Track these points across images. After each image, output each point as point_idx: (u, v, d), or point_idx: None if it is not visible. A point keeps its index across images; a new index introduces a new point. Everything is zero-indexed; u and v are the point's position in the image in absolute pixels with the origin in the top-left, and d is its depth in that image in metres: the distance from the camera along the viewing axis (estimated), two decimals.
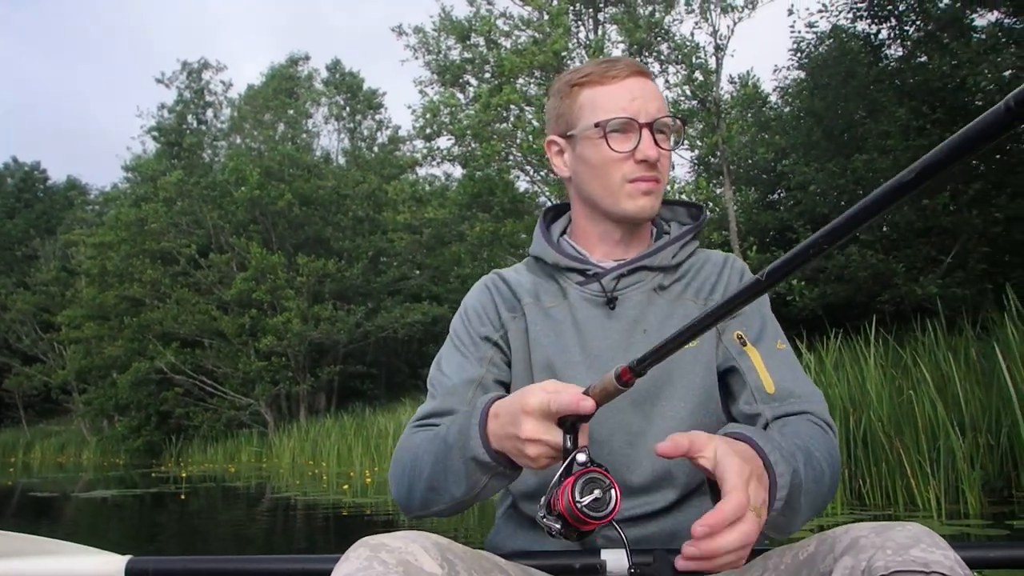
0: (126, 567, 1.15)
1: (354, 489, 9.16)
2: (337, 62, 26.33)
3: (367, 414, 16.21)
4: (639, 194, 1.13)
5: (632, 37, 11.77)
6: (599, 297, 1.16)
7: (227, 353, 20.39)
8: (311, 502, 7.88)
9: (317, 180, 21.97)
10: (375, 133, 27.01)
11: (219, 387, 20.50)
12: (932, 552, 0.72)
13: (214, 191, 21.69)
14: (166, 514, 7.58)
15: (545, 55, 11.99)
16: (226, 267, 20.69)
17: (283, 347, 19.18)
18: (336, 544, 5.11)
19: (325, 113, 26.27)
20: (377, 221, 21.21)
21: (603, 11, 13.92)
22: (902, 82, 9.10)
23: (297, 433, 17.00)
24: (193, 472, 15.11)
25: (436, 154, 15.13)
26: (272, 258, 19.57)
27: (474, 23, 14.93)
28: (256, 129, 24.54)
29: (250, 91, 25.68)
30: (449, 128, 14.03)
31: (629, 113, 1.11)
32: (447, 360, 1.20)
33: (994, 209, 8.06)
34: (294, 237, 21.72)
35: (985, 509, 4.68)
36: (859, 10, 10.18)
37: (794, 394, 1.06)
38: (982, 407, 5.18)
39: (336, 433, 15.08)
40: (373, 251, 21.59)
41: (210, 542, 5.46)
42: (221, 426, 20.21)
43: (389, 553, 0.79)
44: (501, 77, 12.90)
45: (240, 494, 9.84)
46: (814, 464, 0.93)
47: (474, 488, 0.98)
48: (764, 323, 1.13)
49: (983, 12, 9.42)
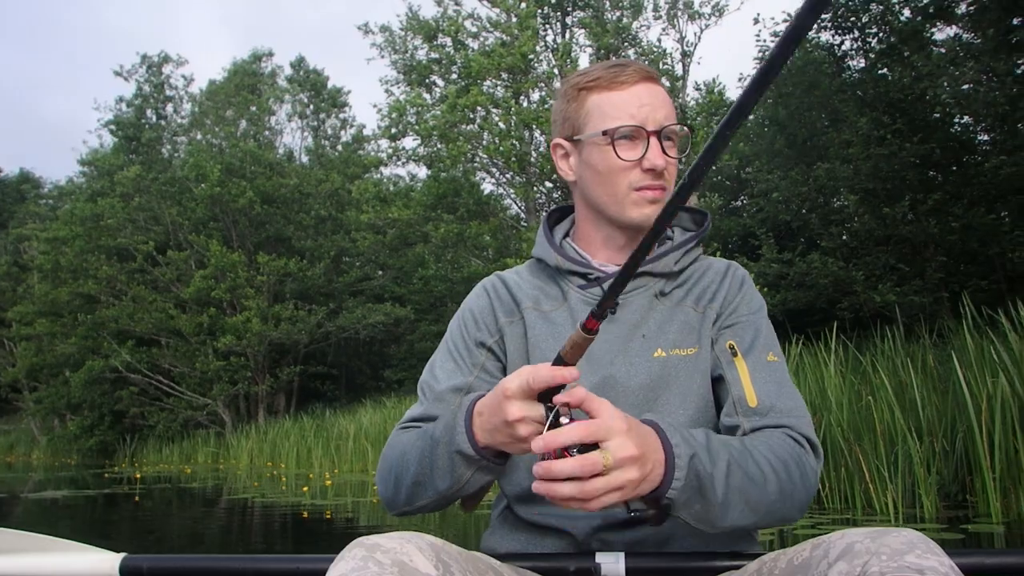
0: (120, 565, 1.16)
1: (313, 491, 9.03)
2: (301, 59, 26.08)
3: (327, 415, 16.05)
4: (645, 202, 1.12)
5: (600, 42, 11.82)
6: None
7: (184, 352, 20.05)
8: (269, 504, 7.74)
9: (279, 178, 21.70)
10: (339, 132, 26.81)
11: (176, 386, 20.16)
12: (927, 558, 0.72)
13: (173, 187, 21.33)
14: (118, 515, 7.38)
15: (513, 57, 11.99)
16: (184, 265, 20.34)
17: (242, 347, 18.93)
18: (294, 547, 5.01)
19: (288, 110, 26.02)
20: (340, 220, 21.03)
21: (571, 15, 13.97)
22: (864, 93, 9.27)
23: (255, 434, 16.77)
24: (148, 473, 14.77)
25: (401, 154, 15.05)
26: (232, 256, 19.31)
27: (441, 23, 14.88)
28: (217, 125, 24.19)
29: (212, 86, 25.29)
30: (415, 128, 13.95)
31: (637, 121, 1.10)
32: (440, 365, 1.20)
33: (951, 219, 8.26)
34: (255, 235, 21.45)
35: (940, 513, 4.76)
36: (823, 21, 10.36)
37: (775, 408, 1.05)
38: (938, 413, 5.28)
39: (295, 434, 14.89)
40: (335, 251, 21.38)
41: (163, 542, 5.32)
42: (177, 426, 19.87)
43: (384, 554, 0.80)
44: (468, 78, 12.86)
45: (196, 495, 9.64)
46: (749, 465, 0.93)
47: (458, 482, 1.00)
48: (757, 334, 1.12)
49: (942, 27, 9.66)
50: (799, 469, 0.99)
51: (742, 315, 1.13)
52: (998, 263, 8.56)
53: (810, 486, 1.00)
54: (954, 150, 8.92)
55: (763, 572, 0.90)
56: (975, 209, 8.24)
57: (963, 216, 8.12)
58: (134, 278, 20.52)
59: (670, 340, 1.11)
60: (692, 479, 0.87)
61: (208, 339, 19.51)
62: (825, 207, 10.16)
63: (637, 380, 1.09)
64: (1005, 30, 8.48)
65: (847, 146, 9.12)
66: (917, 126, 8.58)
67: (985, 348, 5.21)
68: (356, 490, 8.92)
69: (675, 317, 1.14)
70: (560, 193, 13.78)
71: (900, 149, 8.34)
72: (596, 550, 1.05)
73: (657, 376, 1.09)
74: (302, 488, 9.48)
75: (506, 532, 1.17)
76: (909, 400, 5.40)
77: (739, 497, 0.91)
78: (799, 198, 10.05)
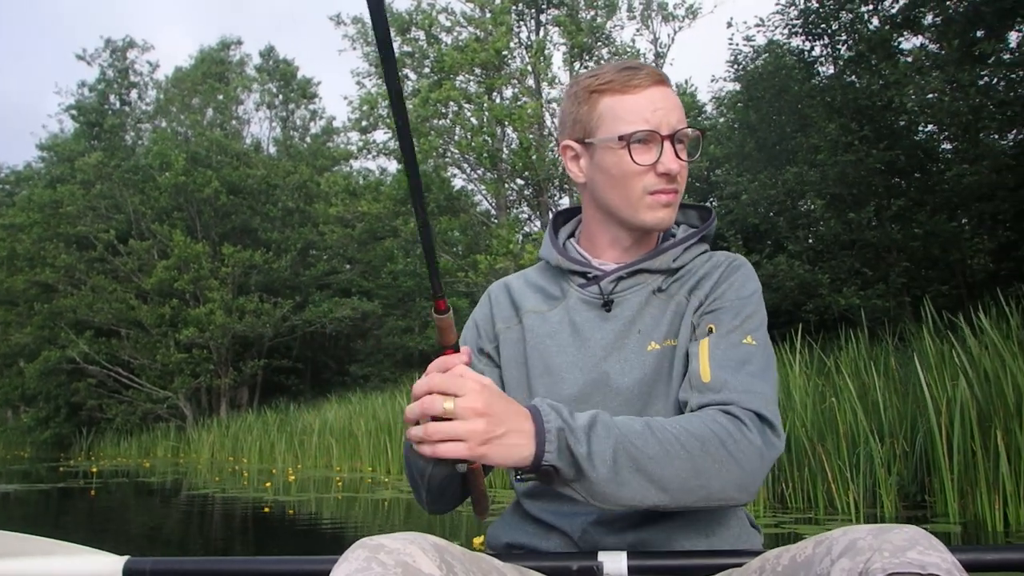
0: (124, 567, 1.16)
1: (276, 487, 8.92)
2: (271, 48, 25.80)
3: (291, 410, 15.92)
4: (659, 206, 1.13)
5: (574, 40, 11.83)
6: (597, 299, 1.17)
7: (145, 344, 19.77)
8: (230, 499, 7.63)
9: (246, 168, 21.47)
10: (308, 123, 26.58)
11: (135, 379, 19.86)
12: (929, 555, 0.72)
13: (136, 175, 21.05)
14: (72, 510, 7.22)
15: (487, 53, 11.95)
16: (146, 254, 20.02)
17: (205, 339, 18.72)
18: (256, 543, 4.94)
19: (256, 100, 25.74)
20: (308, 213, 20.84)
21: (545, 12, 13.97)
22: (832, 99, 9.40)
23: (217, 428, 16.57)
24: (105, 466, 14.48)
25: (372, 147, 14.92)
26: (196, 247, 19.08)
27: (415, 17, 14.78)
28: (183, 113, 23.84)
29: (178, 73, 24.88)
30: (387, 122, 13.84)
31: (651, 125, 1.10)
32: None
33: (914, 225, 8.41)
34: (220, 226, 21.21)
35: (900, 513, 4.84)
36: (795, 27, 10.49)
37: (728, 385, 1.02)
38: (899, 415, 5.37)
39: (258, 429, 14.73)
40: (303, 243, 21.18)
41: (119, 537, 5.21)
42: (136, 419, 19.64)
43: (387, 554, 0.81)
44: (441, 73, 12.79)
45: (155, 490, 9.47)
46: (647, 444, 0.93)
47: (423, 475, 1.06)
48: (737, 317, 1.10)
49: (909, 36, 9.84)
50: (723, 446, 0.95)
51: (728, 299, 1.11)
52: (958, 269, 8.75)
53: (745, 462, 0.96)
54: (918, 158, 9.10)
55: (766, 569, 0.90)
56: (937, 216, 8.41)
57: (926, 223, 8.28)
58: (94, 267, 20.16)
59: (662, 333, 1.12)
60: (565, 454, 0.90)
61: (170, 331, 19.29)
62: (793, 211, 10.30)
63: (632, 376, 1.10)
64: (969, 42, 8.67)
65: (815, 151, 9.24)
66: (883, 133, 8.73)
67: (945, 352, 5.31)
68: (320, 486, 8.83)
69: (668, 310, 1.14)
70: (531, 190, 13.78)
71: (867, 155, 8.48)
72: (599, 549, 1.06)
73: (652, 370, 1.10)
74: (264, 484, 9.37)
75: (512, 524, 1.19)
76: (871, 402, 5.48)
77: (635, 476, 0.92)
78: (767, 201, 10.16)
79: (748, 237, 10.79)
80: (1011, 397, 4.43)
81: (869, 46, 9.49)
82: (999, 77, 7.96)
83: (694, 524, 1.08)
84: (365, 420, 11.17)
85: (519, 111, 11.82)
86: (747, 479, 0.97)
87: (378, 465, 10.35)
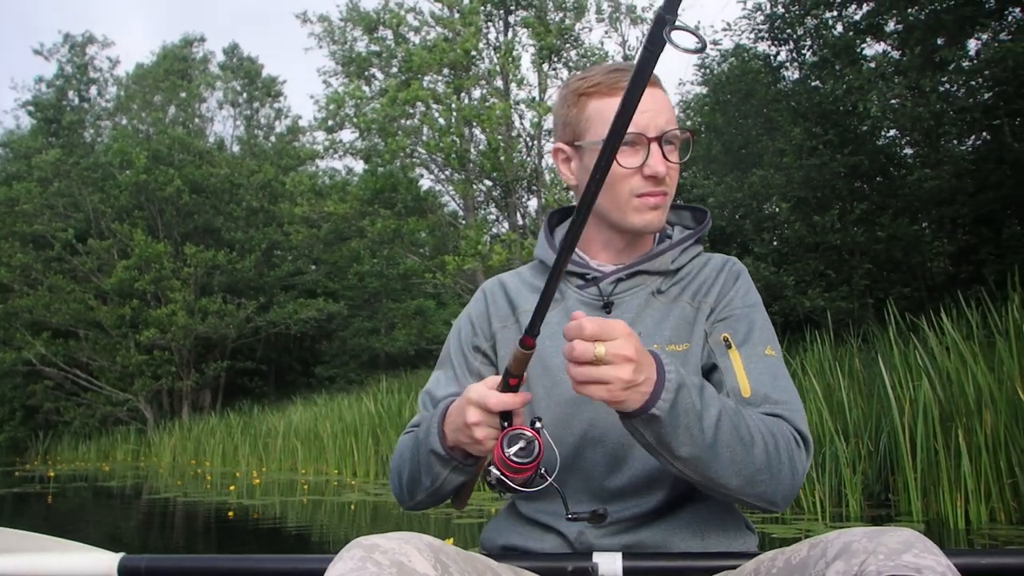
0: (119, 565, 1.17)
1: (240, 490, 8.77)
2: (235, 46, 25.44)
3: (255, 412, 15.73)
4: (647, 209, 1.13)
5: (543, 41, 11.84)
6: (596, 301, 1.17)
7: (104, 345, 19.41)
8: (193, 503, 7.49)
9: (209, 167, 21.18)
10: (273, 122, 26.29)
11: (94, 381, 19.50)
12: (924, 557, 0.73)
13: (96, 173, 20.67)
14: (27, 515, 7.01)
15: (456, 53, 11.90)
16: (106, 254, 19.64)
17: (166, 340, 18.44)
18: (219, 548, 4.84)
19: (220, 98, 25.37)
20: (272, 213, 20.58)
21: (514, 14, 13.97)
22: (797, 103, 9.52)
23: (179, 431, 16.30)
24: (62, 471, 14.13)
25: (338, 147, 14.78)
26: (157, 246, 18.81)
27: (383, 16, 14.68)
28: (144, 110, 23.42)
29: (139, 70, 24.44)
30: (354, 121, 13.72)
31: (638, 128, 1.09)
32: (437, 376, 1.26)
33: (877, 228, 8.55)
34: (182, 226, 20.92)
35: (864, 512, 4.91)
36: (760, 32, 10.62)
37: (769, 399, 1.06)
38: (864, 415, 5.44)
39: (221, 431, 14.50)
40: (267, 244, 20.93)
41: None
42: (95, 422, 19.30)
43: (383, 554, 0.81)
44: (409, 72, 12.71)
45: (114, 494, 9.27)
46: (740, 424, 0.96)
47: (436, 479, 1.07)
48: (751, 327, 1.13)
49: (872, 43, 10.01)
50: (788, 453, 1.00)
51: (736, 308, 1.14)
52: (920, 272, 8.91)
53: (797, 475, 1.01)
54: (881, 163, 9.25)
55: (760, 572, 0.90)
56: (899, 220, 8.56)
57: (888, 226, 8.42)
58: (51, 267, 19.72)
59: (665, 336, 1.13)
60: (679, 408, 0.91)
61: (130, 332, 18.99)
62: (758, 213, 10.41)
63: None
64: (930, 49, 8.85)
65: (781, 155, 9.35)
66: (847, 138, 8.87)
67: (909, 353, 5.40)
68: (284, 489, 8.70)
69: (671, 314, 1.15)
70: (500, 191, 13.76)
71: (831, 160, 8.61)
72: (593, 550, 1.06)
73: None
74: (228, 487, 9.21)
75: (507, 525, 1.19)
76: (836, 402, 5.55)
77: (726, 451, 0.94)
78: (733, 204, 10.26)
79: (714, 239, 10.89)
80: (971, 396, 4.52)
81: (833, 52, 9.64)
82: (959, 84, 8.13)
83: (689, 526, 1.08)
84: (331, 422, 11.05)
85: (488, 112, 11.80)
86: (793, 490, 1.02)
87: (344, 468, 10.24)
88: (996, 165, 8.24)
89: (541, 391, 1.14)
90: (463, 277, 12.69)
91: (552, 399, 1.13)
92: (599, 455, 1.11)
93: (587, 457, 1.11)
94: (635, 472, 1.10)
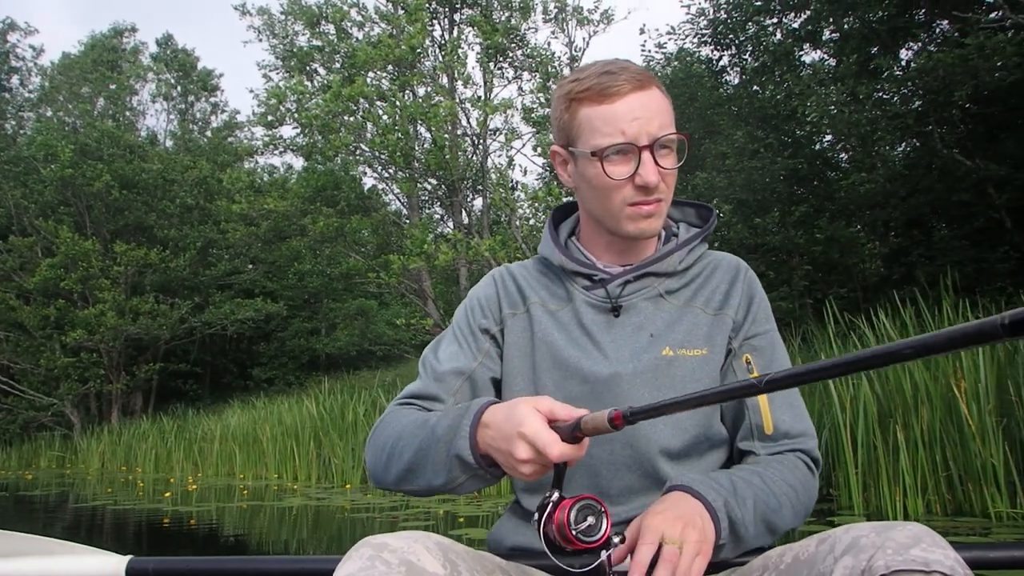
0: (127, 567, 1.18)
1: (175, 496, 8.47)
2: (169, 37, 24.70)
3: (190, 416, 15.31)
4: (640, 217, 1.11)
5: (490, 40, 11.81)
6: (604, 303, 1.16)
7: (27, 347, 18.64)
8: (123, 511, 7.19)
9: (141, 162, 20.52)
10: (209, 116, 25.61)
11: (16, 385, 18.72)
12: (932, 552, 0.73)
13: (18, 167, 19.92)
14: None
15: (402, 50, 11.77)
16: (29, 252, 18.84)
17: (95, 342, 17.81)
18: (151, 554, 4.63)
19: (153, 91, 24.58)
20: (208, 210, 20.02)
21: (459, 12, 13.89)
22: (739, 107, 9.73)
23: (108, 436, 15.72)
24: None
25: (279, 143, 14.44)
26: (85, 244, 18.17)
27: (325, 10, 14.42)
28: (71, 102, 22.56)
29: (65, 60, 23.53)
30: (295, 117, 13.43)
31: (628, 137, 1.06)
32: (444, 346, 1.21)
33: (816, 230, 8.79)
34: (112, 223, 20.26)
35: None
36: (704, 36, 10.81)
37: (789, 435, 1.10)
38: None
39: (154, 436, 14.02)
40: (202, 242, 20.37)
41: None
42: (17, 428, 18.54)
43: (392, 553, 0.81)
44: (353, 68, 12.51)
45: (38, 503, 8.84)
46: (770, 499, 1.01)
47: (452, 483, 1.01)
48: (774, 350, 1.15)
49: (810, 50, 10.29)
50: (806, 490, 1.07)
51: (760, 328, 1.15)
52: (855, 273, 9.20)
53: (812, 502, 1.08)
54: (818, 166, 9.52)
55: (768, 567, 0.91)
56: (836, 222, 8.82)
57: (826, 228, 8.67)
58: None
59: (678, 339, 1.12)
60: (730, 525, 0.94)
61: (55, 333, 18.24)
62: None
63: (643, 378, 1.10)
64: (866, 57, 9.14)
65: (723, 157, 9.53)
66: (787, 142, 9.10)
67: (848, 352, 5.53)
68: (222, 495, 8.44)
69: (684, 317, 1.14)
70: (444, 190, 13.66)
71: (772, 163, 8.82)
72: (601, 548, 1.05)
73: (664, 374, 1.10)
74: (162, 494, 8.88)
75: (514, 525, 1.17)
76: None
77: (763, 527, 0.99)
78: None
79: None
80: (908, 393, 4.65)
81: (773, 58, 9.88)
82: (893, 92, 8.41)
83: None
84: (270, 425, 10.77)
85: (433, 110, 11.69)
86: (808, 513, 1.08)
87: (285, 472, 9.99)
88: (926, 170, 8.55)
89: (551, 384, 1.13)
90: (408, 277, 12.55)
91: (561, 393, 1.11)
92: (606, 453, 1.10)
93: (594, 455, 1.10)
94: (643, 470, 1.10)
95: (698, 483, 0.95)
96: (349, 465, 8.66)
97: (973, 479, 4.22)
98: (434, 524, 5.35)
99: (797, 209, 9.16)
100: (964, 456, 4.30)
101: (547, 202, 10.88)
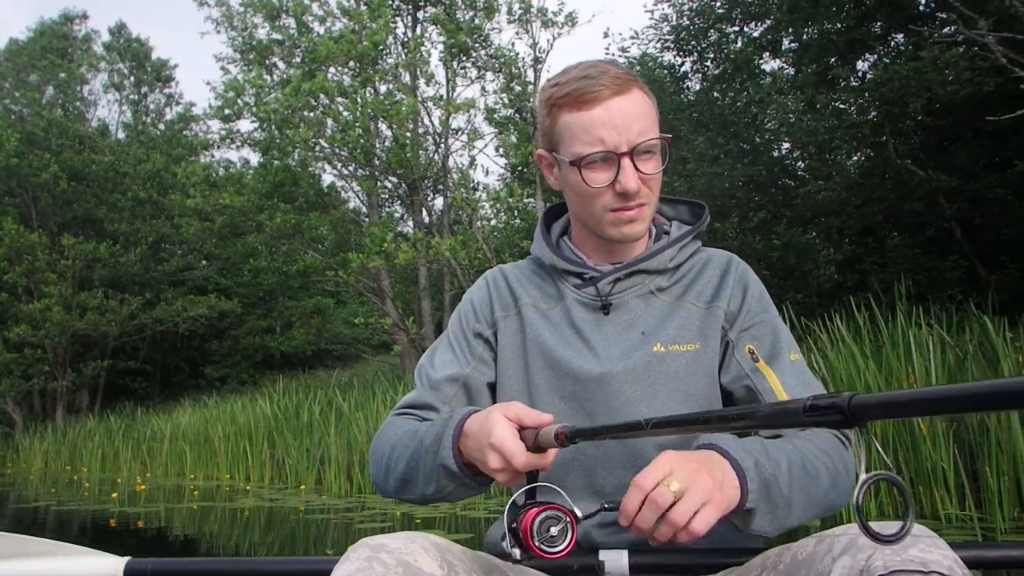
0: (125, 568, 1.19)
1: (123, 497, 8.24)
2: (122, 25, 24.04)
3: (139, 415, 15.00)
4: (622, 223, 1.11)
5: (454, 38, 11.75)
6: (595, 301, 1.16)
7: None
8: (68, 512, 6.97)
9: (91, 154, 20.03)
10: (163, 108, 25.02)
11: None
12: (931, 552, 0.74)
13: None
14: None
15: (364, 46, 11.64)
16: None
17: (39, 338, 17.34)
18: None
19: (104, 81, 23.91)
20: (161, 204, 19.58)
21: (423, 9, 13.80)
22: (700, 113, 9.84)
23: (52, 435, 15.31)
24: None
25: (236, 137, 14.16)
26: (31, 236, 17.77)
27: (285, 3, 14.20)
28: (18, 90, 21.91)
29: (12, 46, 22.78)
30: (253, 110, 13.18)
31: (608, 146, 1.05)
32: (439, 353, 1.22)
33: (773, 236, 8.93)
34: (60, 215, 19.78)
35: None
36: (667, 42, 10.90)
37: None
38: None
39: (101, 435, 13.66)
40: (155, 236, 19.92)
41: None
42: None
43: (389, 554, 0.81)
44: (314, 63, 12.33)
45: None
46: (805, 463, 0.96)
47: (441, 491, 1.02)
48: (776, 335, 1.13)
49: (769, 59, 10.46)
50: (842, 462, 1.02)
51: (756, 315, 1.13)
52: (811, 278, 9.36)
53: (851, 475, 1.02)
54: (776, 174, 9.68)
55: (767, 567, 0.91)
56: (793, 228, 8.97)
57: (783, 234, 8.81)
58: None
59: (670, 335, 1.11)
60: (762, 486, 0.89)
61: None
62: None
63: (634, 375, 1.09)
64: (824, 67, 9.31)
65: (683, 163, 9.62)
66: (746, 149, 9.22)
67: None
68: (171, 496, 8.23)
69: (675, 313, 1.13)
70: (405, 189, 13.55)
71: (732, 169, 8.92)
72: (600, 547, 1.06)
73: (656, 371, 1.09)
74: (109, 494, 8.63)
75: None
76: None
77: (801, 495, 0.94)
78: None
79: None
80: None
81: (734, 65, 10.01)
82: (850, 102, 8.58)
83: None
84: (223, 425, 10.55)
85: (395, 107, 11.58)
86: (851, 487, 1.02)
87: (237, 472, 9.79)
88: (880, 180, 8.74)
89: (544, 385, 1.13)
90: (366, 275, 12.40)
91: (554, 393, 1.12)
92: (600, 452, 1.09)
93: (588, 454, 1.09)
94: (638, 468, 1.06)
95: (725, 441, 0.91)
96: (303, 466, 8.52)
97: (924, 482, 4.30)
98: (391, 526, 5.28)
99: (755, 215, 9.29)
100: (915, 459, 4.39)
101: (508, 203, 10.85)
